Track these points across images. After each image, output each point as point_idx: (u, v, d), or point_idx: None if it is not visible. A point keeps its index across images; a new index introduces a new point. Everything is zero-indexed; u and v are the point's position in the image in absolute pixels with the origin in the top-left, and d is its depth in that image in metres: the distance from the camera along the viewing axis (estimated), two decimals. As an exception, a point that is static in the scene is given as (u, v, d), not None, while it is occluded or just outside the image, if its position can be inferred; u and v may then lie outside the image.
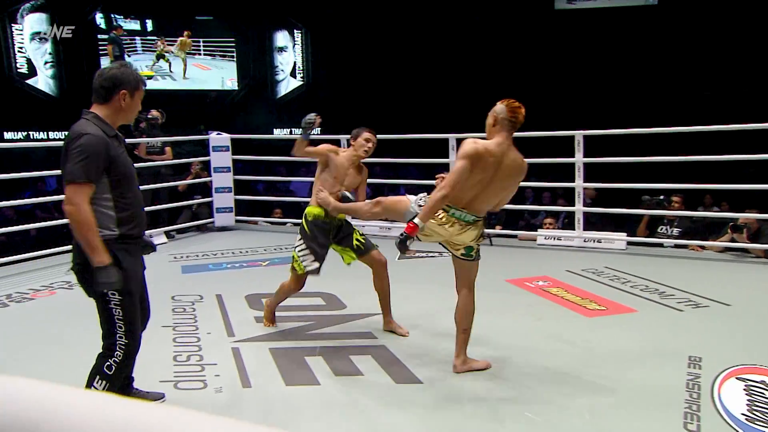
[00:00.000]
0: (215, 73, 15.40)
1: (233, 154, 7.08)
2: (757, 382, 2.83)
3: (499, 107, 2.80)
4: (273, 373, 3.02)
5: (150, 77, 14.29)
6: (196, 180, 6.94)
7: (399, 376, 2.96)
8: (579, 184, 5.76)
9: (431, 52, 14.06)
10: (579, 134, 5.65)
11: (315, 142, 3.65)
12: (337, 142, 6.66)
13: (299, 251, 3.47)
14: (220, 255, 5.74)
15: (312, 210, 3.49)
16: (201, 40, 15.19)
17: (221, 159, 6.91)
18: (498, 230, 6.47)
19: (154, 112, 6.43)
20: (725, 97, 11.08)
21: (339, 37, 15.33)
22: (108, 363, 2.28)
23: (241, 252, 5.86)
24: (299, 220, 3.55)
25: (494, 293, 4.31)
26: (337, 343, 3.37)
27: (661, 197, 5.77)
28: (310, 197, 3.66)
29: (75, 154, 2.14)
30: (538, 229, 6.36)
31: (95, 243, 2.15)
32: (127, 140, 6.35)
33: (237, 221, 7.09)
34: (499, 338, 3.47)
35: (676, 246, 5.74)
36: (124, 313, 2.25)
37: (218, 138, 6.93)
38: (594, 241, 5.84)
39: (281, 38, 16.51)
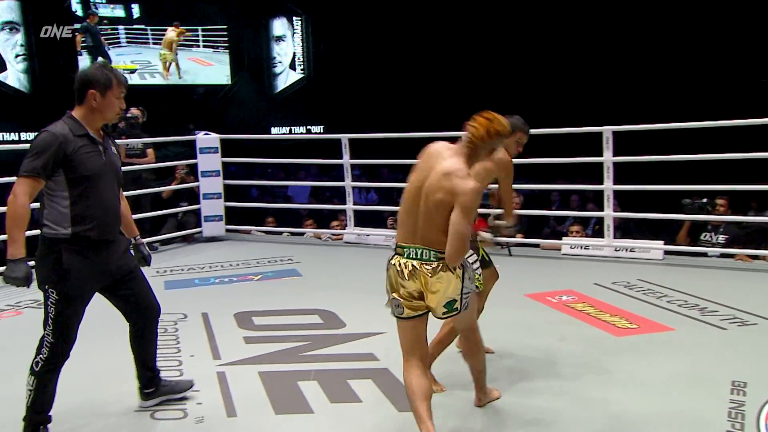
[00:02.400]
0: (218, 70, 15.43)
1: (225, 155, 7.14)
2: (809, 410, 2.79)
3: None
4: (261, 400, 3.03)
5: (133, 71, 14.42)
6: (181, 185, 7.00)
7: (402, 403, 2.95)
8: (608, 186, 5.73)
9: (445, 41, 14.06)
10: (607, 130, 5.63)
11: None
12: (338, 143, 6.72)
13: (476, 267, 3.19)
14: (208, 268, 5.77)
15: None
16: (199, 28, 15.20)
17: (209, 162, 6.95)
18: (519, 239, 6.45)
19: (135, 111, 6.50)
20: None
21: (343, 24, 15.39)
22: (36, 359, 2.54)
23: (231, 265, 5.89)
24: (297, 229, 3.50)
25: (512, 309, 4.31)
26: (334, 366, 3.38)
27: (704, 200, 5.72)
28: (309, 203, 3.69)
29: (29, 149, 2.44)
30: (563, 238, 6.33)
31: (15, 236, 2.40)
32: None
33: (228, 231, 7.13)
34: (515, 360, 3.45)
35: (722, 256, 5.69)
36: (56, 313, 2.48)
37: (206, 138, 6.98)
38: (626, 250, 5.80)
39: (279, 26, 16.65)
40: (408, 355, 2.54)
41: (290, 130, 16.26)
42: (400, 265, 2.48)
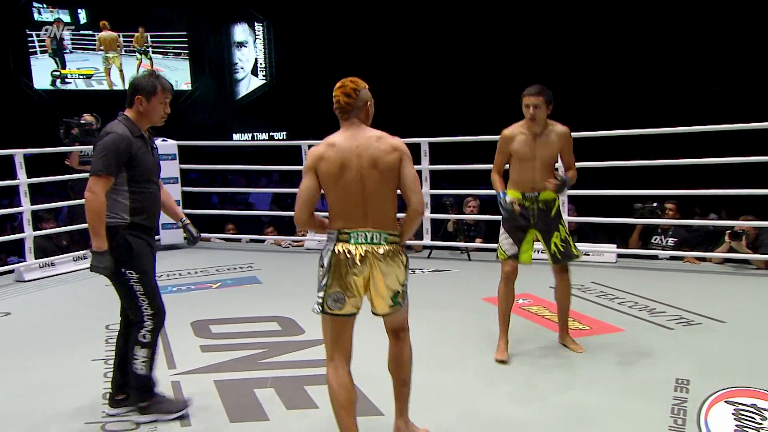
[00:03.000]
0: (175, 76, 15.25)
1: (185, 162, 7.07)
2: (747, 405, 2.92)
3: None
4: (217, 408, 3.03)
5: (88, 76, 14.17)
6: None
7: (359, 408, 2.98)
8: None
9: (409, 46, 14.17)
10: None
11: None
12: (298, 150, 6.72)
13: (501, 234, 3.62)
14: (165, 277, 5.71)
15: (509, 192, 3.56)
16: (148, 35, 15.08)
17: (167, 169, 6.86)
18: (478, 243, 6.54)
19: (88, 117, 6.41)
20: (734, 93, 11.14)
21: (305, 30, 15.39)
22: (142, 333, 2.87)
23: (189, 273, 5.85)
24: (258, 236, 3.53)
25: (468, 313, 4.39)
26: (291, 373, 3.39)
27: (654, 204, 5.90)
28: (270, 210, 3.76)
29: (98, 150, 2.77)
30: (521, 242, 6.43)
31: (99, 230, 2.73)
32: (59, 149, 6.31)
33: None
34: (468, 362, 3.53)
35: (671, 258, 5.88)
36: (144, 288, 2.85)
37: (163, 145, 6.92)
38: (581, 253, 5.92)
39: (240, 32, 16.58)
40: (333, 353, 2.46)
41: (252, 137, 16.18)
42: (348, 252, 2.38)
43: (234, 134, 16.16)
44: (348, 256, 2.39)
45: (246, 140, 15.75)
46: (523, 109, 3.48)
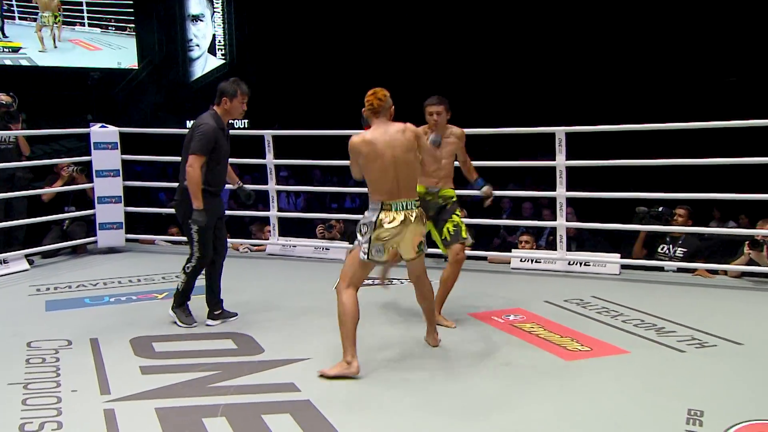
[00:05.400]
0: (108, 55, 14.94)
1: (129, 152, 6.99)
2: (769, 440, 2.91)
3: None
4: (157, 441, 2.94)
5: (16, 49, 13.88)
6: (69, 187, 6.77)
7: (323, 441, 2.93)
8: (561, 192, 5.87)
9: (385, 27, 14.13)
10: (560, 131, 5.77)
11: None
12: (260, 141, 6.64)
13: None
14: (102, 285, 5.62)
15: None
16: (84, 1, 14.71)
17: (106, 159, 6.76)
18: (466, 251, 6.51)
19: (2, 96, 6.24)
20: (751, 85, 11.17)
21: (271, 3, 15.24)
22: (187, 265, 4.49)
23: (130, 281, 5.77)
24: None
25: (453, 330, 4.36)
26: (247, 399, 3.34)
27: (661, 209, 5.92)
28: (226, 209, 4.62)
29: (198, 136, 4.29)
30: (513, 250, 6.44)
31: (198, 194, 4.26)
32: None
33: (128, 241, 7.00)
34: (454, 385, 3.49)
35: (680, 270, 5.91)
36: (198, 237, 4.40)
37: (102, 132, 6.80)
38: (580, 264, 5.96)
39: (195, 4, 16.37)
40: (350, 284, 3.68)
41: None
42: (391, 218, 3.66)
43: (187, 121, 15.96)
44: (390, 220, 3.65)
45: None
46: (426, 117, 4.52)
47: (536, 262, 6.10)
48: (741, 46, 11.64)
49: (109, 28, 15.02)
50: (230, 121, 4.65)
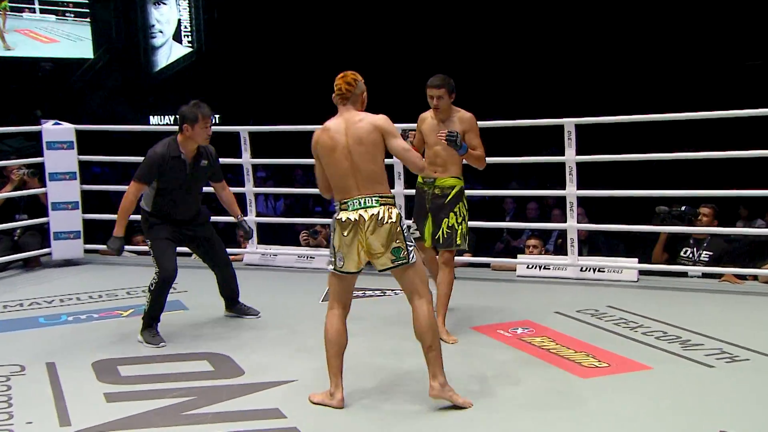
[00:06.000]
0: (66, 47, 14.77)
1: (85, 152, 6.96)
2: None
3: None
4: (126, 478, 2.93)
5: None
6: (20, 192, 6.73)
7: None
8: (571, 191, 5.89)
9: (368, 13, 14.11)
10: (570, 123, 5.78)
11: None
12: (235, 138, 6.64)
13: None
14: (59, 303, 5.60)
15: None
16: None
17: (61, 161, 6.74)
18: (467, 257, 6.52)
19: None
20: None
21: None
22: (151, 283, 4.56)
23: (91, 297, 5.75)
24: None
25: (454, 346, 4.38)
26: (227, 428, 3.34)
27: (684, 208, 5.94)
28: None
29: (142, 163, 4.56)
30: (518, 255, 6.44)
31: (120, 221, 4.55)
32: None
33: (87, 252, 6.97)
34: (459, 410, 3.46)
35: (705, 276, 5.93)
36: (152, 252, 4.61)
37: (55, 130, 6.77)
38: (594, 270, 5.97)
39: (159, -15, 16.33)
40: (333, 303, 3.59)
41: (175, 120, 15.92)
42: (347, 218, 3.49)
43: (151, 117, 15.93)
44: (347, 221, 3.49)
45: (167, 124, 15.53)
46: (428, 100, 4.51)
47: (545, 268, 6.11)
48: (765, 27, 11.72)
49: (67, 16, 14.89)
50: (207, 147, 4.70)
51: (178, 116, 4.57)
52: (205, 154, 4.72)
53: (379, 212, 3.47)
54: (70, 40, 14.76)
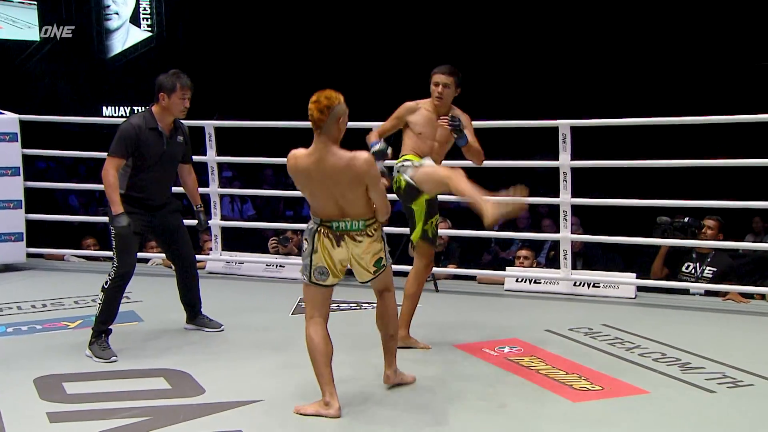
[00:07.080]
0: (11, 31, 14.63)
1: (29, 146, 6.92)
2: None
3: None
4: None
5: None
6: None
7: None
8: (565, 199, 5.94)
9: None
10: (564, 125, 5.83)
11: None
12: (200, 132, 6.62)
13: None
14: (-2, 312, 5.55)
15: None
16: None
17: (3, 154, 6.73)
18: (451, 269, 6.56)
19: None
20: None
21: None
22: (106, 280, 4.59)
23: (34, 306, 5.74)
24: (139, 254, 4.49)
25: (434, 366, 4.38)
26: None
27: (687, 220, 5.99)
28: None
29: (116, 136, 4.58)
30: (507, 268, 6.49)
31: (114, 198, 4.52)
32: None
33: (30, 256, 6.94)
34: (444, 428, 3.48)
35: (708, 293, 5.99)
36: (116, 243, 4.58)
37: (-4, 120, 6.72)
38: (588, 285, 6.02)
39: (114, -37, 16.27)
40: (313, 313, 3.75)
41: (131, 111, 15.85)
42: (329, 235, 3.67)
43: (104, 107, 15.83)
44: (329, 238, 3.67)
45: (121, 116, 15.44)
46: (431, 87, 4.50)
47: (535, 282, 6.15)
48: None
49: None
50: (182, 123, 4.80)
51: (155, 85, 4.59)
52: (181, 131, 4.81)
53: (365, 233, 3.70)
54: (17, 28, 14.62)
